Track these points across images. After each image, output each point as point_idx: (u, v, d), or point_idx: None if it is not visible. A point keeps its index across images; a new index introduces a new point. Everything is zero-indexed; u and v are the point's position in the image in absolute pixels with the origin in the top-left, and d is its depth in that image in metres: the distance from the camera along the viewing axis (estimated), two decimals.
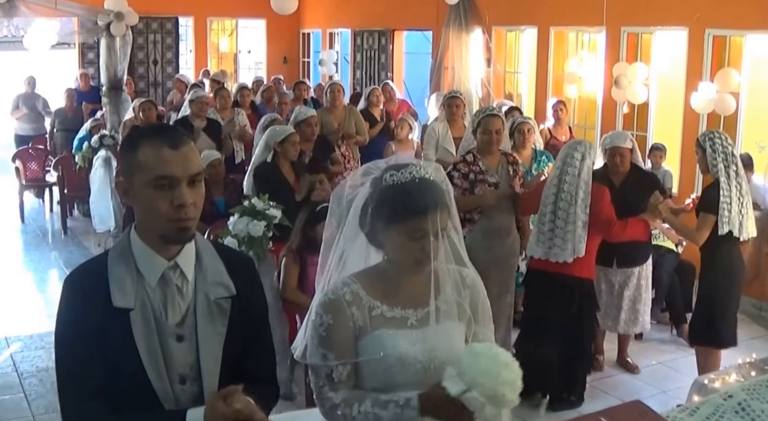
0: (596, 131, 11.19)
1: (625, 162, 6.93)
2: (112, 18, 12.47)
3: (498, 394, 2.59)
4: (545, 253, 6.16)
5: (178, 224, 2.50)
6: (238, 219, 6.21)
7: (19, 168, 13.17)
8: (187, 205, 2.48)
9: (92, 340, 2.48)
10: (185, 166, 2.49)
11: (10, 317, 8.48)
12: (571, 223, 6.02)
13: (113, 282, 2.52)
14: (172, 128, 2.66)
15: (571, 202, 6.01)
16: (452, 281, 2.95)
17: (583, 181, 6.03)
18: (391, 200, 2.81)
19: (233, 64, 19.85)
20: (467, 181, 6.70)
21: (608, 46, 10.91)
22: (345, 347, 2.82)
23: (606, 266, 7.03)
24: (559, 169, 6.11)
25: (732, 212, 6.14)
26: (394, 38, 15.91)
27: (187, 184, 2.49)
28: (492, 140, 6.78)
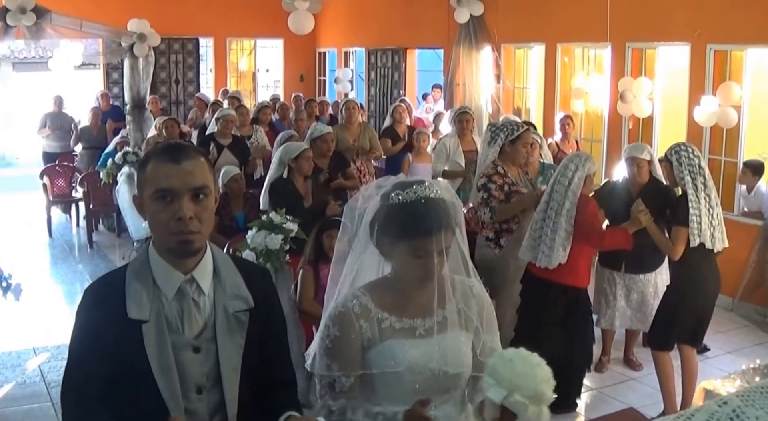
0: (602, 145, 11.35)
1: (642, 173, 6.98)
2: (136, 39, 12.76)
3: (538, 392, 2.65)
4: (533, 257, 6.26)
5: (180, 236, 2.53)
6: (256, 233, 6.31)
7: (46, 184, 13.34)
8: (186, 218, 2.50)
9: (104, 350, 2.52)
10: (186, 180, 2.51)
11: (38, 328, 8.61)
12: (555, 231, 6.08)
13: (129, 294, 2.56)
14: (181, 145, 2.66)
15: (558, 211, 6.08)
16: (460, 291, 2.98)
17: (571, 191, 6.08)
18: (396, 219, 2.83)
19: (252, 83, 19.89)
20: (503, 192, 6.92)
21: (613, 62, 11.02)
22: (349, 359, 2.86)
23: (614, 270, 7.25)
24: (553, 179, 6.24)
25: (702, 223, 6.09)
26: (406, 56, 16.04)
27: (191, 199, 2.52)
28: (528, 153, 7.23)
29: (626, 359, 7.73)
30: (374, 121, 16.11)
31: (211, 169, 2.65)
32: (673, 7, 10.02)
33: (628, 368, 7.65)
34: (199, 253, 2.63)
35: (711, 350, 8.00)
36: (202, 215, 2.55)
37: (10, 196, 16.80)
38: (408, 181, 2.92)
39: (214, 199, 2.63)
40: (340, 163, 8.91)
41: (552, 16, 12.03)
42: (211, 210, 2.61)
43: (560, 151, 10.28)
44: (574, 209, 6.09)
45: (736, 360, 7.54)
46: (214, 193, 2.64)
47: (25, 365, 7.75)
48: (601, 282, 7.43)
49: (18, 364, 7.76)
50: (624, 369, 7.65)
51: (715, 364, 7.68)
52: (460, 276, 3.02)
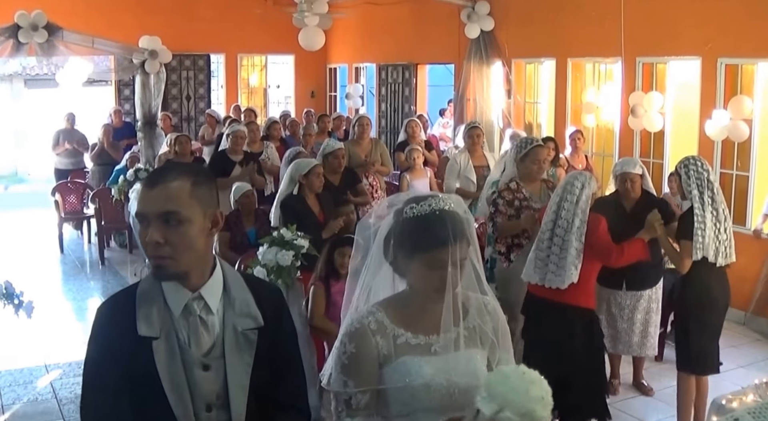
0: (614, 159, 11.19)
1: (636, 188, 6.92)
2: (147, 56, 12.81)
3: (529, 410, 2.59)
4: (541, 278, 5.96)
5: (152, 260, 2.57)
6: (267, 249, 6.29)
7: (58, 201, 13.40)
8: (151, 243, 2.52)
9: (117, 367, 2.54)
10: (154, 205, 2.53)
11: (50, 345, 8.61)
12: (566, 250, 5.84)
13: (140, 311, 2.58)
14: (166, 169, 2.69)
15: (568, 229, 5.84)
16: (475, 308, 2.97)
17: (580, 209, 5.87)
18: (411, 232, 2.83)
19: (263, 99, 19.95)
20: (512, 208, 6.88)
21: (624, 76, 11.02)
22: (366, 375, 2.84)
23: (615, 289, 7.08)
24: (558, 197, 5.96)
25: (706, 237, 6.04)
26: (417, 72, 16.12)
27: (162, 223, 2.53)
28: (541, 169, 7.06)
29: (636, 384, 7.61)
30: (385, 137, 16.15)
31: (199, 192, 2.61)
32: (684, 21, 10.02)
33: (639, 392, 7.54)
34: (179, 278, 2.62)
35: (723, 364, 7.92)
36: (174, 241, 2.55)
37: (23, 212, 16.87)
38: (421, 196, 2.92)
39: (200, 226, 2.60)
40: (352, 179, 8.93)
41: (562, 31, 12.05)
42: (190, 237, 2.58)
43: (570, 166, 10.26)
44: (584, 227, 5.90)
45: (748, 374, 7.48)
46: (207, 217, 2.63)
47: (37, 382, 7.74)
48: (600, 303, 7.10)
49: (30, 381, 7.75)
50: (636, 394, 7.55)
51: (728, 378, 7.61)
52: (476, 293, 3.01)
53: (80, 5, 15.59)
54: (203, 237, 2.64)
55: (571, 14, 11.84)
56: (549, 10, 12.30)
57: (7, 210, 16.73)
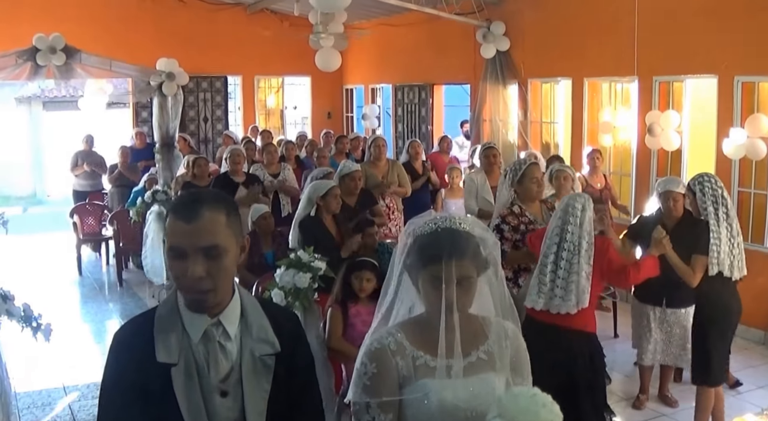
0: (631, 178, 11.33)
1: (678, 207, 6.91)
2: (164, 78, 12.84)
3: None
4: (546, 304, 5.77)
5: (191, 294, 2.56)
6: (284, 271, 6.29)
7: (76, 223, 13.48)
8: (194, 277, 2.51)
9: (135, 394, 2.52)
10: (195, 240, 2.51)
11: (68, 367, 8.64)
12: (575, 273, 5.68)
13: (158, 338, 2.57)
14: (198, 200, 2.60)
15: (575, 252, 5.70)
16: (495, 333, 2.96)
17: (585, 231, 5.73)
18: (415, 250, 2.88)
19: (280, 120, 20.04)
20: (518, 233, 6.82)
21: (641, 95, 11.02)
22: (388, 395, 2.83)
23: (656, 306, 7.21)
24: (561, 220, 5.81)
25: (722, 253, 6.19)
26: (433, 92, 16.16)
27: (203, 257, 2.52)
28: (541, 187, 7.06)
29: (661, 396, 7.66)
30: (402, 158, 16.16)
31: (232, 222, 2.63)
32: (700, 39, 10.01)
33: (663, 404, 7.56)
34: (217, 307, 2.63)
35: (743, 384, 7.91)
36: (215, 273, 2.55)
37: (41, 234, 16.98)
38: (435, 217, 2.94)
39: (240, 249, 2.64)
40: (368, 200, 8.95)
41: (578, 51, 12.06)
42: (227, 267, 2.60)
43: (589, 185, 10.24)
44: (592, 249, 5.75)
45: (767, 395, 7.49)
46: (238, 244, 2.64)
47: (55, 404, 7.76)
48: (641, 318, 7.39)
49: (48, 403, 7.77)
50: (658, 405, 7.55)
51: (748, 399, 7.59)
52: (497, 318, 3.00)
53: (98, 28, 15.74)
54: (235, 265, 2.66)
55: (586, 34, 11.86)
56: (564, 30, 12.33)
57: (26, 232, 16.79)
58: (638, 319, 7.46)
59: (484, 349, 2.92)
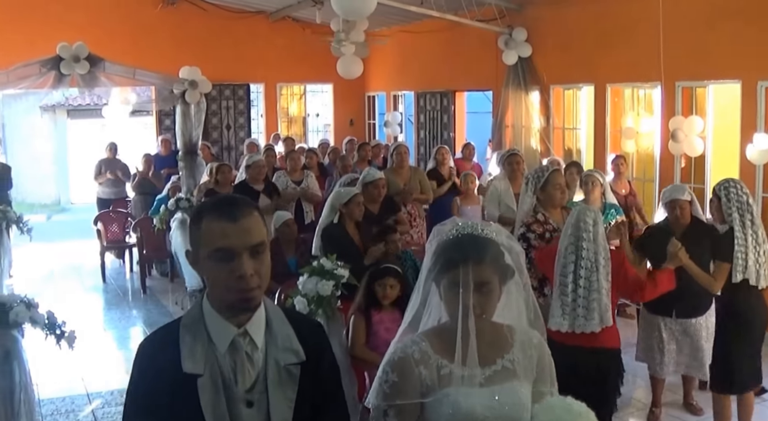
0: (654, 184, 11.27)
1: (685, 214, 6.82)
2: (187, 86, 12.90)
3: None
4: (570, 325, 5.62)
5: (241, 294, 2.52)
6: (307, 279, 6.24)
7: (100, 230, 13.54)
8: (246, 276, 2.49)
9: (160, 405, 2.51)
10: (244, 239, 2.50)
11: (92, 374, 8.64)
12: (595, 291, 5.55)
13: (184, 348, 2.54)
14: (235, 200, 2.61)
15: (593, 269, 5.55)
16: (519, 341, 2.92)
17: (600, 246, 5.59)
18: (436, 256, 2.89)
19: (302, 128, 20.10)
20: (544, 240, 6.69)
21: (664, 101, 10.96)
22: (408, 406, 2.81)
23: (666, 316, 7.02)
24: (573, 236, 5.64)
25: (748, 260, 6.12)
26: (455, 99, 16.13)
27: (250, 255, 2.51)
28: (564, 193, 6.95)
29: (686, 404, 7.57)
30: (424, 165, 16.12)
31: (264, 221, 2.63)
32: (723, 44, 9.97)
33: (688, 412, 7.49)
34: (258, 307, 2.62)
35: None
36: (261, 270, 2.54)
37: (66, 242, 17.07)
38: (458, 223, 2.94)
39: (269, 251, 2.62)
40: (391, 207, 8.92)
41: (600, 57, 12.02)
42: (268, 264, 2.60)
43: (613, 191, 10.15)
44: (609, 265, 5.61)
45: None
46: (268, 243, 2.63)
47: (79, 410, 7.79)
48: (652, 330, 7.18)
49: (72, 409, 7.80)
50: (682, 413, 7.49)
51: None
52: (521, 326, 2.97)
53: (121, 37, 15.86)
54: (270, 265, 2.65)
55: (608, 40, 11.82)
56: (587, 35, 12.30)
57: (51, 239, 16.89)
58: (649, 331, 7.24)
59: (508, 357, 2.88)
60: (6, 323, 5.75)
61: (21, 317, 5.74)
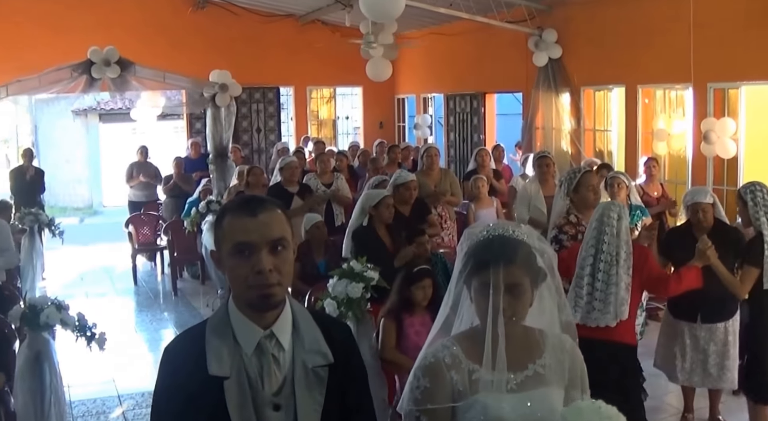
0: (687, 187, 11.04)
1: (708, 217, 6.67)
2: (217, 90, 12.95)
3: None
4: (584, 318, 5.54)
5: (260, 290, 2.48)
6: (337, 281, 6.21)
7: (132, 233, 13.62)
8: (265, 271, 2.47)
9: (187, 408, 2.49)
10: (263, 233, 2.48)
11: (123, 375, 8.70)
12: (614, 285, 5.51)
13: (210, 351, 2.51)
14: (256, 198, 2.61)
15: (612, 263, 5.52)
16: (551, 346, 2.89)
17: (623, 241, 5.55)
18: (467, 258, 2.87)
19: (332, 130, 20.15)
20: (576, 241, 6.58)
21: (696, 103, 10.88)
22: (439, 411, 2.78)
23: (690, 322, 6.82)
24: (596, 230, 5.62)
25: None
26: (485, 101, 16.08)
27: (269, 251, 2.49)
28: (597, 195, 6.89)
29: (712, 419, 7.32)
30: (454, 167, 16.12)
31: (288, 220, 2.61)
32: (755, 45, 9.89)
33: None
34: (280, 306, 2.58)
35: None
36: (281, 267, 2.51)
37: (98, 245, 17.20)
38: (489, 225, 2.93)
39: (292, 251, 2.59)
40: (422, 209, 8.86)
41: (631, 59, 11.94)
42: (291, 262, 2.57)
43: (645, 193, 10.10)
44: (630, 260, 5.56)
45: None
46: (293, 244, 2.60)
47: (110, 412, 7.84)
48: (675, 336, 6.96)
49: (103, 411, 7.85)
50: None
51: None
52: (553, 331, 2.94)
53: (152, 40, 15.96)
54: (293, 264, 2.63)
55: (639, 41, 11.74)
56: (617, 36, 12.22)
57: (83, 242, 17.04)
58: (671, 336, 7.04)
59: (540, 362, 2.84)
60: (37, 325, 5.81)
61: (52, 319, 5.80)
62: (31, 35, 15.62)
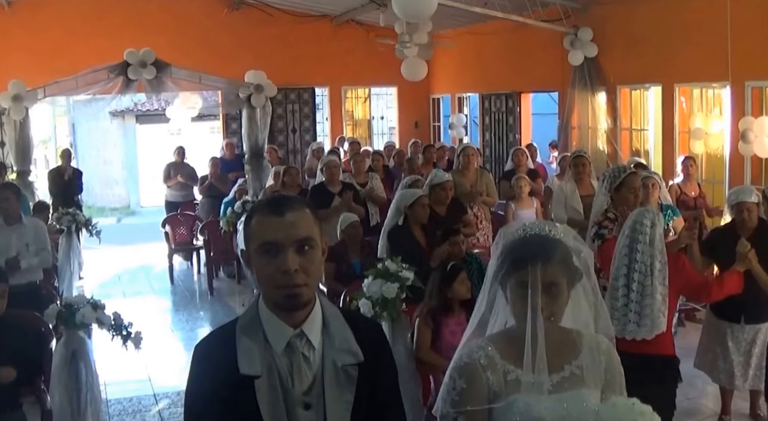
0: (724, 186, 11.08)
1: (753, 217, 6.64)
2: (253, 90, 13.03)
3: None
4: (619, 330, 5.21)
5: (285, 290, 2.48)
6: (372, 281, 6.20)
7: (168, 233, 13.70)
8: (291, 271, 2.45)
9: (218, 407, 2.49)
10: (290, 232, 2.47)
11: (159, 374, 8.75)
12: (649, 296, 5.28)
13: (240, 350, 2.51)
14: (284, 197, 2.60)
15: (647, 273, 5.29)
16: (587, 347, 2.86)
17: (657, 250, 5.31)
18: (503, 257, 2.84)
19: (367, 130, 20.18)
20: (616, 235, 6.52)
21: (733, 101, 10.79)
22: (477, 412, 2.76)
23: (733, 323, 6.78)
24: (628, 239, 5.39)
25: None
26: (521, 100, 16.04)
27: (296, 251, 2.48)
28: (638, 197, 6.85)
29: (753, 415, 7.29)
30: (490, 166, 16.07)
31: (317, 220, 2.59)
32: None
33: None
34: (308, 306, 2.57)
35: None
36: (308, 267, 2.51)
37: (135, 245, 17.33)
38: (525, 224, 2.91)
39: (321, 251, 2.58)
40: (458, 209, 8.83)
41: (668, 57, 11.85)
42: (319, 262, 2.56)
43: (682, 193, 10.03)
44: (666, 269, 5.33)
45: None
46: (321, 244, 2.58)
47: (146, 411, 7.88)
48: (716, 336, 6.94)
49: (139, 410, 7.90)
50: None
51: None
52: (589, 331, 2.92)
53: (187, 42, 16.07)
54: (322, 265, 2.62)
55: (676, 39, 11.65)
56: (653, 35, 12.13)
57: (120, 242, 17.18)
58: (713, 337, 7.00)
59: (576, 363, 2.82)
60: (73, 324, 5.87)
61: (88, 318, 5.86)
62: (68, 37, 15.77)
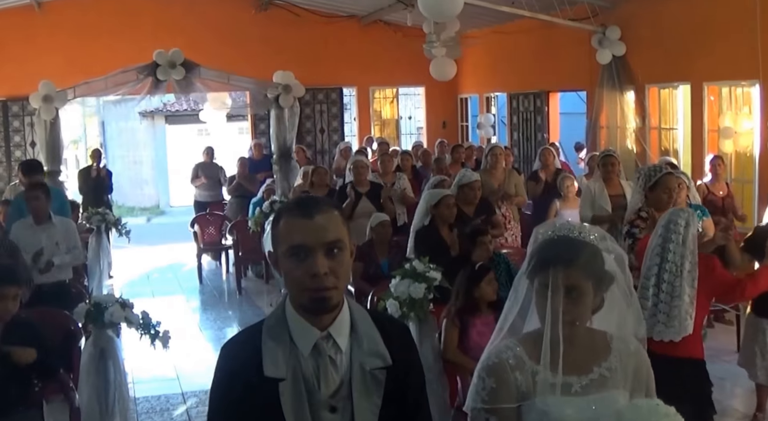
0: (753, 186, 10.97)
1: None
2: (281, 91, 13.08)
3: None
4: (648, 330, 4.91)
5: (314, 293, 2.45)
6: (399, 281, 6.18)
7: (197, 233, 13.77)
8: (320, 274, 2.43)
9: (242, 409, 2.48)
10: (319, 235, 2.45)
11: (187, 373, 8.75)
12: (677, 297, 5.19)
13: (266, 352, 2.49)
14: (313, 199, 2.59)
15: (677, 274, 5.20)
16: (617, 349, 2.84)
17: (688, 250, 5.21)
18: (530, 256, 2.85)
19: (395, 130, 20.18)
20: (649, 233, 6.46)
21: (763, 100, 10.65)
22: (507, 410, 2.75)
23: None
24: (661, 238, 5.30)
25: None
26: (548, 99, 15.98)
27: (325, 254, 2.45)
28: (671, 198, 6.79)
29: None
30: (518, 166, 16.01)
31: (345, 222, 2.57)
32: None
33: None
34: (336, 309, 2.53)
35: None
36: (337, 270, 2.48)
37: (164, 244, 17.47)
38: (556, 224, 2.90)
39: (350, 253, 2.55)
40: (486, 210, 8.80)
41: (696, 55, 11.74)
42: (347, 264, 2.53)
43: (710, 192, 9.95)
44: (695, 271, 5.24)
45: None
46: (350, 246, 2.55)
47: (174, 409, 7.91)
48: (756, 333, 6.91)
49: (166, 408, 7.93)
50: None
51: None
52: (619, 333, 2.89)
53: (215, 43, 16.12)
54: (350, 266, 2.60)
55: (705, 37, 11.54)
56: (682, 33, 12.03)
57: (150, 242, 17.30)
58: (753, 335, 6.96)
59: (605, 365, 2.80)
60: (101, 323, 5.92)
61: (116, 317, 5.91)
62: (97, 38, 15.92)
